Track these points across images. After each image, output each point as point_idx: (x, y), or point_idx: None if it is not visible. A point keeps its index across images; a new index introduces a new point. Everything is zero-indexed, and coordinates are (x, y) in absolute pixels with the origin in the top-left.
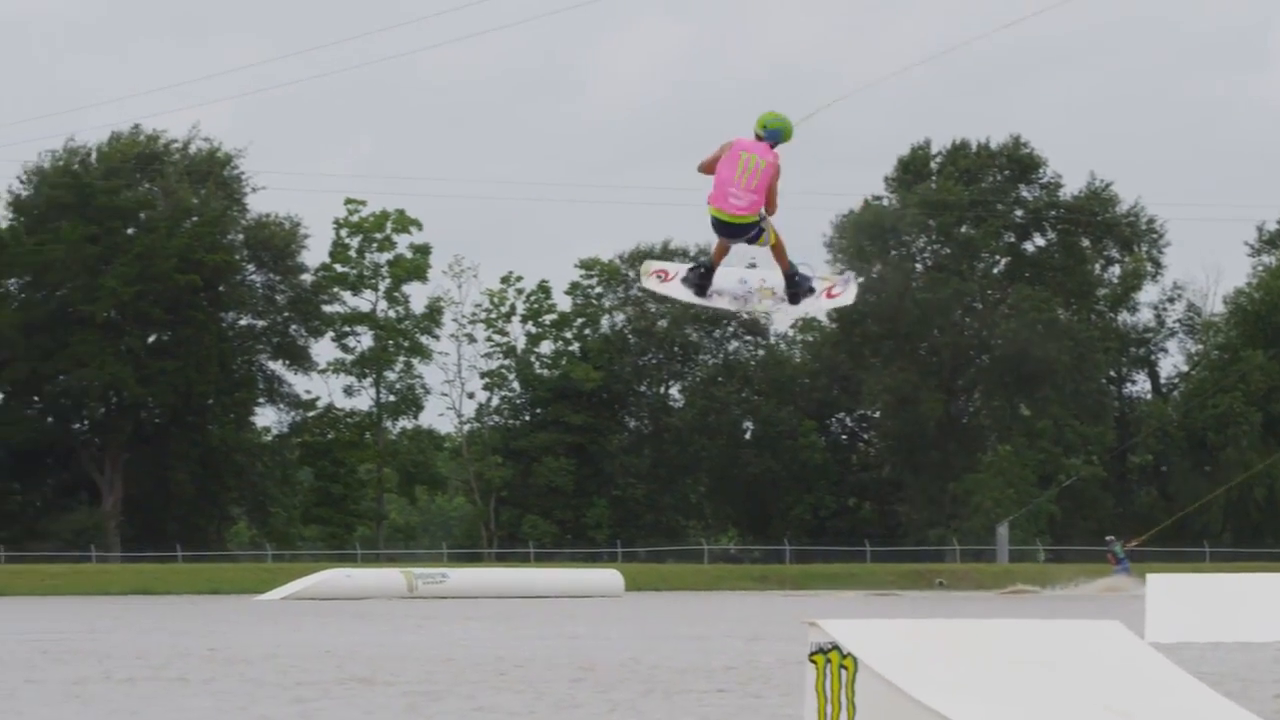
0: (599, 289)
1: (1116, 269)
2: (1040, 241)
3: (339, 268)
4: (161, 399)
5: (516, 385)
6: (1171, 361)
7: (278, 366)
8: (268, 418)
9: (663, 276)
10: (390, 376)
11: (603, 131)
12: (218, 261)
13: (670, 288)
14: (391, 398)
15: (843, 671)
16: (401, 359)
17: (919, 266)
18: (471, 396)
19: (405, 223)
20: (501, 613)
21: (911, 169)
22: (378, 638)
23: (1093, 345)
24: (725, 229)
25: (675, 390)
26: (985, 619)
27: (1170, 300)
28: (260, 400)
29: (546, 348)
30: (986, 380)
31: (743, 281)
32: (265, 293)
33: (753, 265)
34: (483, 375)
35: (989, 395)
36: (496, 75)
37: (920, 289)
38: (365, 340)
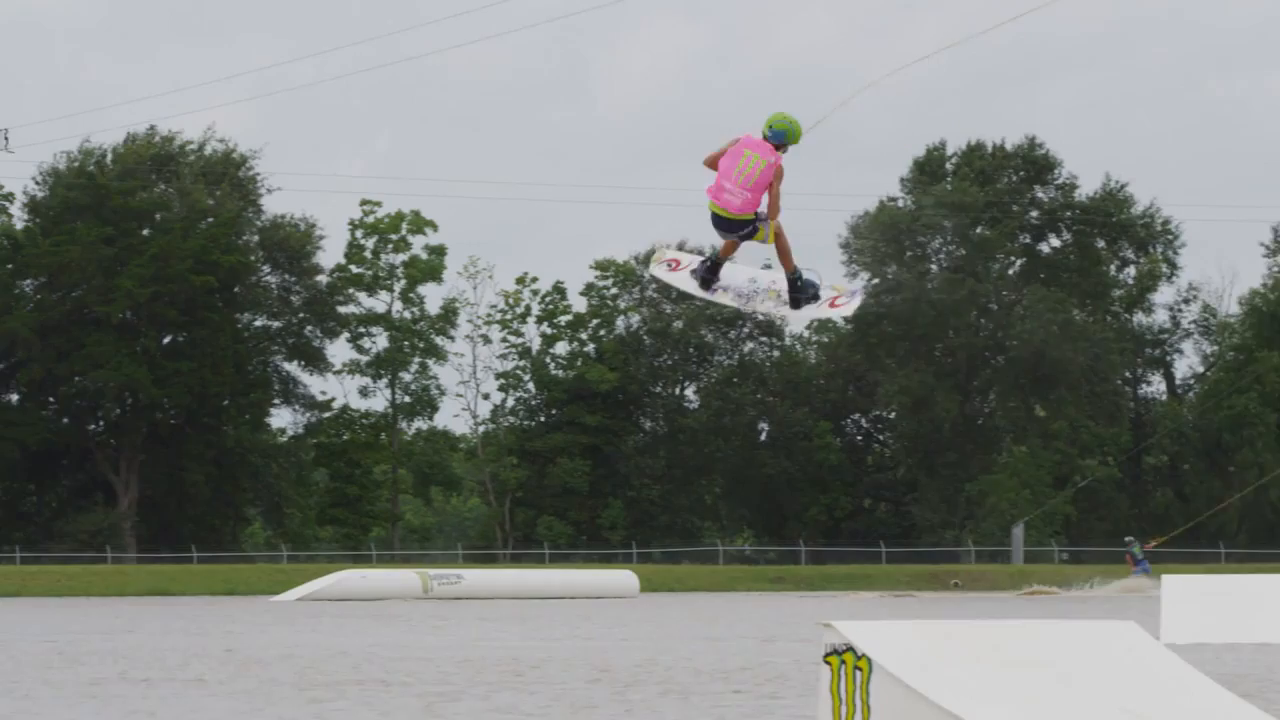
0: (614, 290)
1: (1132, 270)
2: (1056, 242)
3: (354, 269)
4: (177, 400)
5: (531, 386)
6: (1187, 363)
7: (293, 367)
8: (283, 419)
9: (672, 265)
10: (405, 377)
11: (618, 132)
12: (233, 262)
13: (677, 277)
14: (407, 399)
15: (857, 673)
16: (417, 360)
17: (934, 267)
18: (486, 397)
19: (420, 224)
20: (517, 614)
21: (927, 170)
22: (393, 639)
23: (1108, 346)
24: (720, 223)
25: (690, 391)
26: (999, 620)
27: (1185, 301)
28: (275, 401)
29: (561, 349)
30: (1002, 381)
31: (752, 280)
32: (280, 294)
33: (767, 266)
34: (498, 376)
35: (1004, 396)
36: (512, 77)
37: (936, 290)
38: (380, 341)
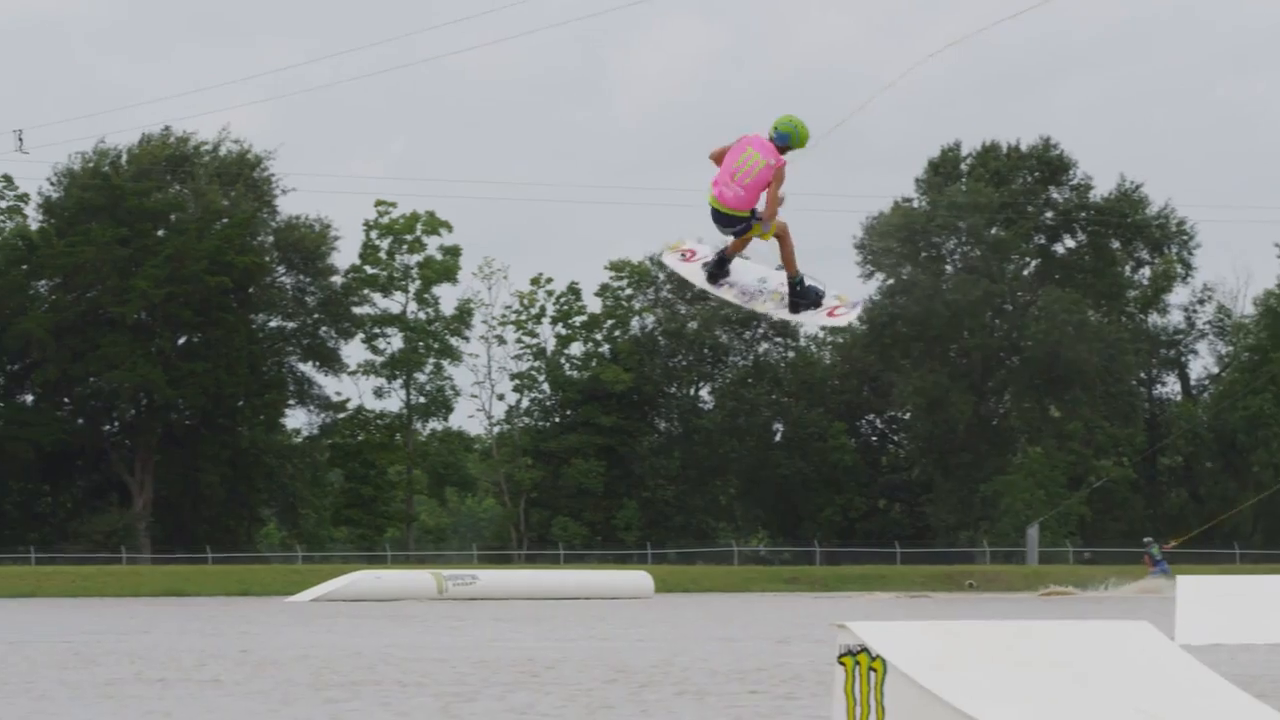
0: (629, 290)
1: (1147, 270)
2: (1071, 243)
3: (369, 269)
4: (192, 401)
5: (546, 387)
6: (1202, 363)
7: (308, 368)
8: (298, 419)
9: (687, 255)
10: (420, 378)
11: (633, 133)
12: (248, 263)
13: (688, 268)
14: (421, 399)
15: (871, 674)
16: (431, 361)
17: (949, 268)
18: (501, 398)
19: (435, 224)
20: (532, 614)
21: (942, 171)
22: (409, 639)
23: (1123, 347)
24: (716, 217)
25: (705, 392)
26: (1013, 620)
27: (1200, 302)
28: (290, 402)
29: (576, 349)
30: (1017, 382)
31: (762, 280)
32: (295, 294)
33: (781, 267)
34: (513, 377)
35: (1019, 397)
36: (527, 77)
37: (950, 291)
38: (395, 342)
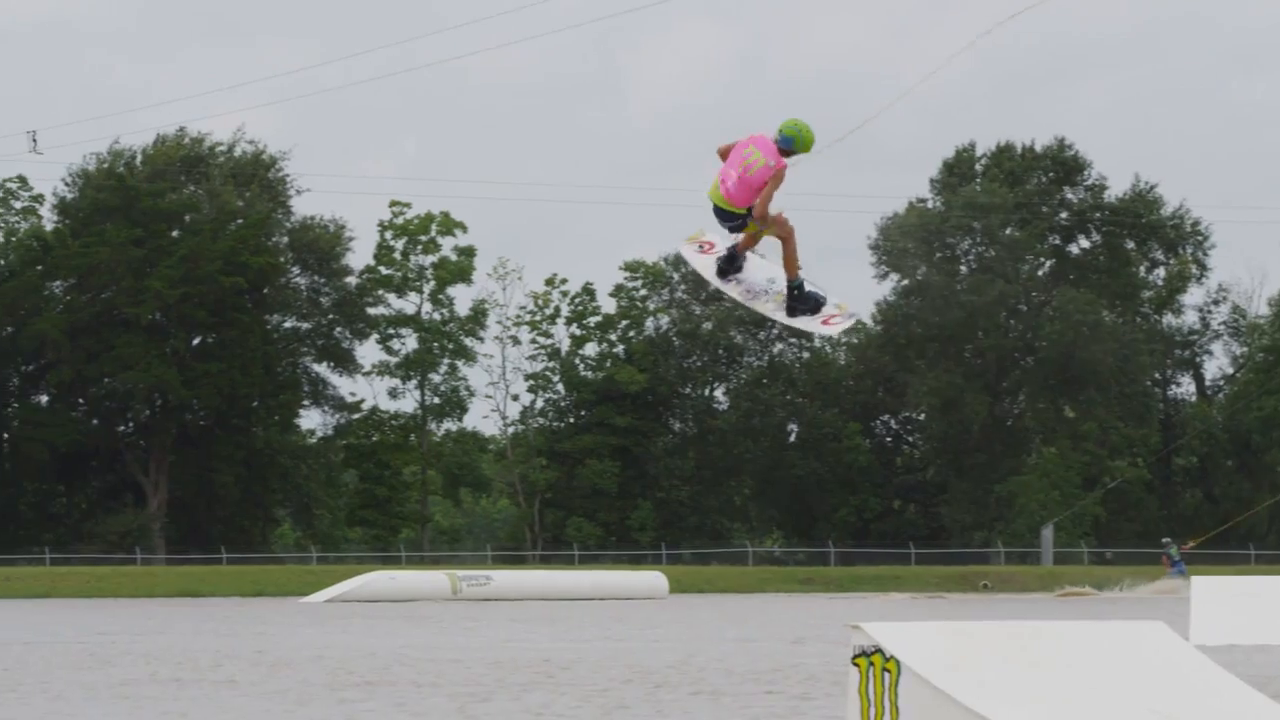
0: (643, 291)
1: (1161, 271)
2: (1085, 243)
3: (384, 270)
4: (206, 401)
5: (561, 387)
6: (1216, 364)
7: (322, 369)
8: (312, 420)
9: (705, 248)
10: (435, 379)
11: (648, 134)
12: (262, 264)
13: (702, 261)
14: (436, 400)
15: (885, 674)
16: (446, 361)
17: (964, 269)
18: (516, 399)
19: (450, 225)
20: (546, 615)
21: (956, 171)
22: (424, 640)
23: (1137, 347)
24: (715, 211)
25: (720, 392)
26: (1027, 620)
27: (1215, 302)
28: (305, 402)
29: (591, 350)
30: (1031, 382)
31: (770, 280)
32: (310, 295)
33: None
34: (527, 377)
35: (1034, 397)
36: (542, 78)
37: (965, 291)
38: (410, 343)
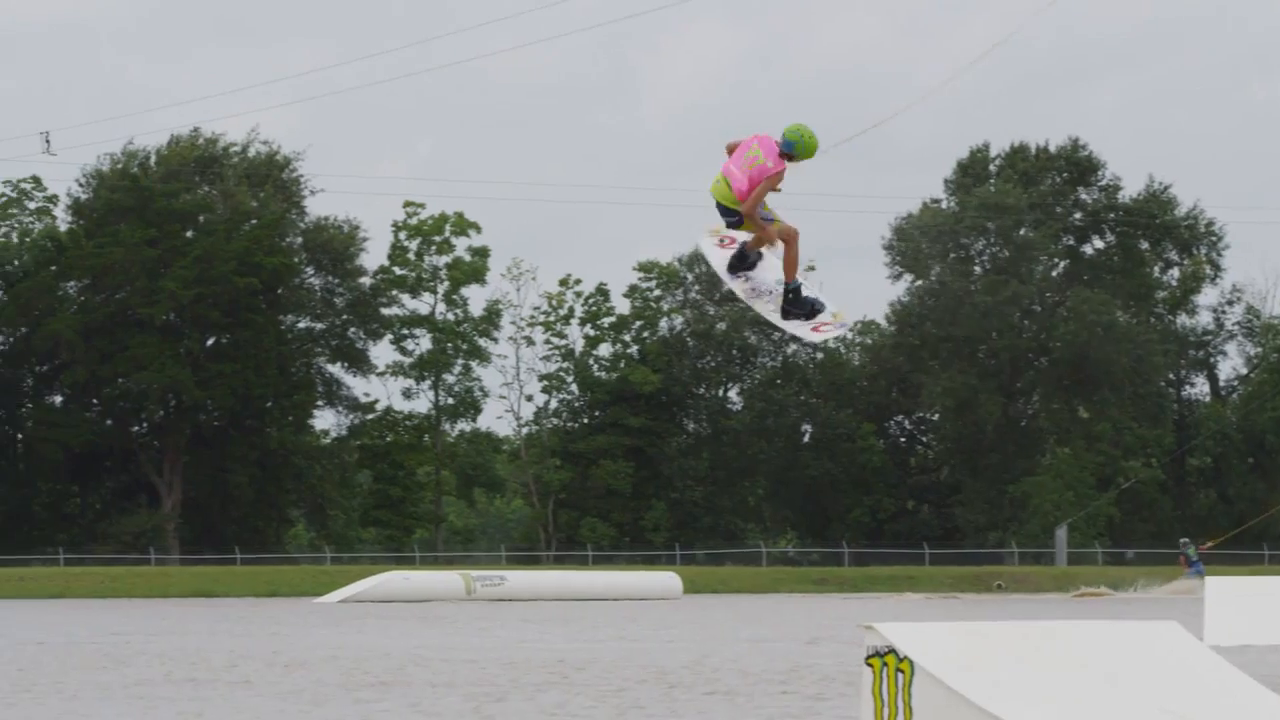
0: (657, 292)
1: (1175, 271)
2: (1099, 244)
3: (398, 270)
4: (220, 402)
5: (575, 388)
6: (1230, 364)
7: (336, 369)
8: (326, 420)
9: (725, 242)
10: (449, 379)
11: (661, 135)
12: (276, 264)
13: (719, 255)
14: (450, 400)
15: (899, 675)
16: (460, 362)
17: (978, 269)
18: (530, 399)
19: (464, 225)
20: (560, 615)
21: (970, 172)
22: (438, 640)
23: (1152, 348)
24: (718, 207)
25: (734, 393)
26: (1040, 620)
27: (1229, 303)
28: (319, 403)
29: (605, 350)
30: (1045, 383)
31: (779, 282)
32: (324, 295)
33: (811, 268)
34: (541, 378)
35: (1048, 398)
36: (556, 79)
37: (979, 292)
38: (424, 343)
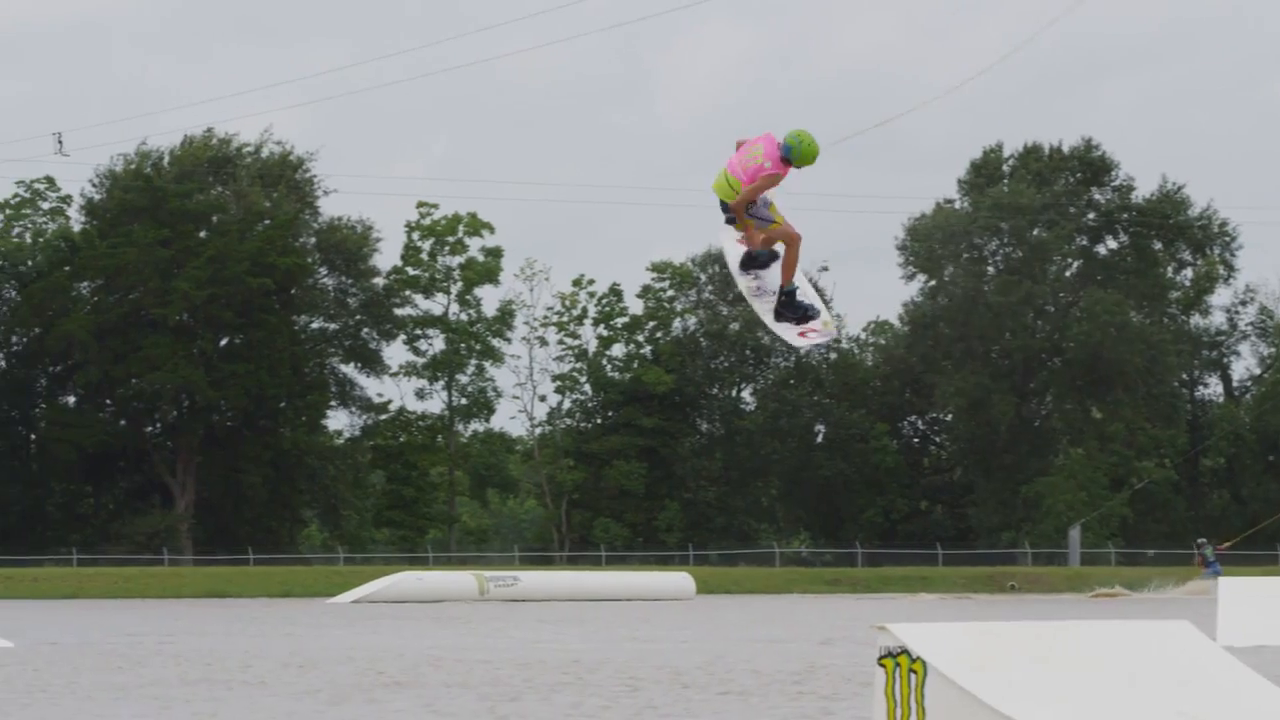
0: (671, 292)
1: (1189, 272)
2: (1113, 244)
3: (411, 271)
4: (233, 402)
5: (588, 388)
6: (1244, 364)
7: (349, 369)
8: (339, 421)
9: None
10: (462, 380)
11: (675, 135)
12: (290, 265)
13: (735, 249)
14: (463, 401)
15: (912, 675)
16: (473, 362)
17: (991, 270)
18: (543, 399)
19: (477, 226)
20: (574, 616)
21: (983, 172)
22: (452, 641)
23: (1165, 348)
24: (720, 204)
25: (747, 393)
26: (1052, 621)
27: (1243, 303)
28: (332, 403)
29: (618, 351)
30: (1058, 383)
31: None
32: (337, 296)
33: (825, 269)
34: (554, 378)
35: (1061, 398)
36: (570, 80)
37: (992, 292)
38: (437, 343)
